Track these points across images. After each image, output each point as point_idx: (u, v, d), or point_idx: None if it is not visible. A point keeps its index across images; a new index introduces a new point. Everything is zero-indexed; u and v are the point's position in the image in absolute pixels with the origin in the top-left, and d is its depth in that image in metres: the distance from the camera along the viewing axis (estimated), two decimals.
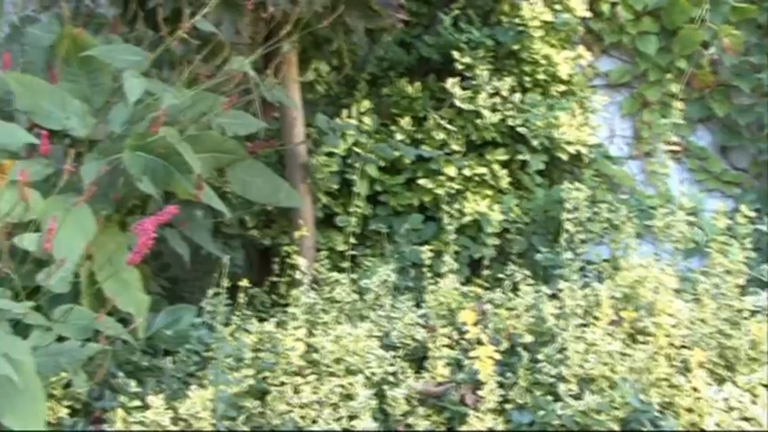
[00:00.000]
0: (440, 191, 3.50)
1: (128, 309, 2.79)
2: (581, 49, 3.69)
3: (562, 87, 3.66)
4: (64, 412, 2.56)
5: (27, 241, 2.62)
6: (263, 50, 3.09)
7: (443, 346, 2.71)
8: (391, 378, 2.67)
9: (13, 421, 2.37)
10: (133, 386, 2.62)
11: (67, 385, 2.60)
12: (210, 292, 2.84)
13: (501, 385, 2.55)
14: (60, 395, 2.58)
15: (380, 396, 2.61)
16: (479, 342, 2.62)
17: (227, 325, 2.82)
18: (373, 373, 2.65)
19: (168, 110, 2.88)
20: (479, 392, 2.53)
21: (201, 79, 3.06)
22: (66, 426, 2.55)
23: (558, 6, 3.65)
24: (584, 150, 3.61)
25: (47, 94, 2.92)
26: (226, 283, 2.78)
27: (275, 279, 3.32)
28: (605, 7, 3.77)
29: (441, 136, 3.56)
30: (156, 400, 2.48)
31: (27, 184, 2.64)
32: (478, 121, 3.54)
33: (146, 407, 2.50)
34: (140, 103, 2.87)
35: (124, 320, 2.79)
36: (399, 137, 3.56)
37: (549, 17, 3.61)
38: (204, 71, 3.08)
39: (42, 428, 2.40)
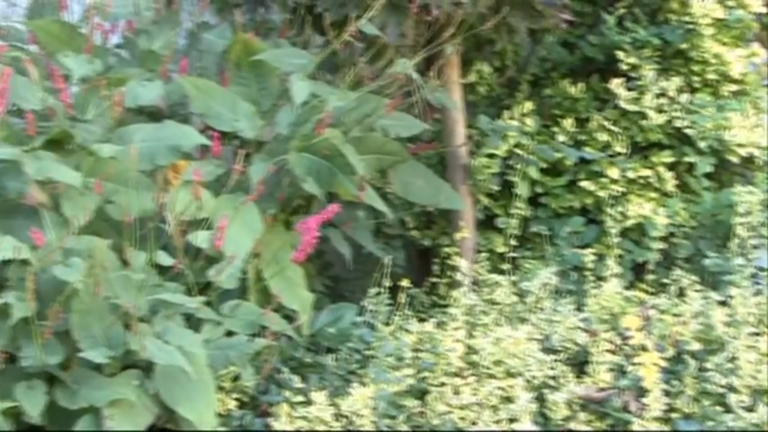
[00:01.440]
0: (602, 193, 3.44)
1: (292, 306, 2.87)
2: (755, 47, 3.56)
3: (734, 87, 3.54)
4: (232, 404, 2.65)
5: (200, 239, 2.73)
6: (426, 53, 3.12)
7: (605, 351, 2.66)
8: (552, 382, 2.64)
9: (187, 410, 2.49)
10: (297, 382, 2.69)
11: (235, 378, 2.69)
12: (372, 291, 2.89)
13: (666, 393, 2.49)
14: (229, 388, 2.67)
15: (541, 400, 2.59)
16: (643, 348, 2.56)
17: (387, 324, 2.86)
18: (533, 377, 2.63)
19: (333, 112, 2.94)
20: (644, 400, 2.48)
21: (365, 82, 3.11)
22: (234, 417, 2.64)
23: (730, 2, 3.53)
24: (756, 153, 3.48)
25: (219, 97, 3.02)
26: (387, 282, 2.82)
27: (435, 280, 3.34)
28: None
29: (604, 137, 3.50)
30: (318, 397, 2.54)
31: (200, 184, 2.76)
32: (643, 123, 3.47)
33: (309, 402, 2.56)
34: (306, 106, 2.96)
35: (288, 317, 2.87)
36: (561, 138, 3.52)
37: (720, 14, 3.50)
38: (368, 73, 3.13)
39: (213, 419, 2.51)
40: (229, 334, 2.73)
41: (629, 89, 3.48)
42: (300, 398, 2.61)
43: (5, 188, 2.65)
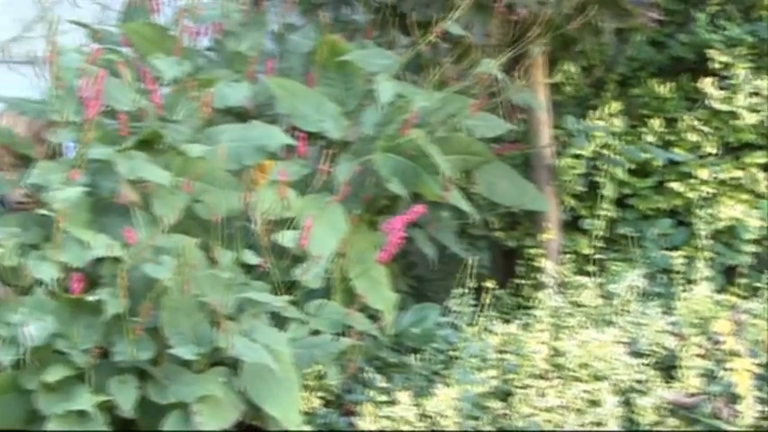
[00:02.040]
0: (692, 195, 3.39)
1: (377, 306, 2.89)
2: None
3: None
4: (317, 403, 2.68)
5: (286, 238, 2.77)
6: (512, 53, 3.11)
7: (695, 355, 2.62)
8: (639, 386, 2.61)
9: (273, 408, 2.52)
10: (381, 381, 2.71)
11: (320, 377, 2.72)
12: (456, 292, 2.89)
13: (760, 400, 2.44)
14: (314, 386, 2.70)
15: (627, 404, 2.56)
16: (735, 353, 2.51)
17: (471, 325, 2.86)
18: (620, 380, 2.60)
19: (418, 112, 2.96)
20: (736, 407, 2.43)
21: (450, 82, 3.11)
22: (319, 416, 2.67)
23: None
24: None
25: (305, 97, 3.06)
26: (471, 283, 2.82)
27: (519, 281, 3.33)
28: None
29: (694, 138, 3.45)
30: (403, 397, 2.55)
31: (286, 184, 2.80)
32: (736, 123, 3.40)
33: (393, 402, 2.57)
34: (391, 106, 2.98)
35: (373, 317, 2.89)
36: (649, 139, 3.48)
37: None
38: (453, 74, 3.14)
39: (298, 417, 2.53)
40: (314, 333, 2.76)
41: (721, 88, 3.42)
42: (385, 397, 2.62)
43: (99, 187, 2.72)
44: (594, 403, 2.54)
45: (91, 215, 2.67)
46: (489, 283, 2.92)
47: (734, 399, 2.46)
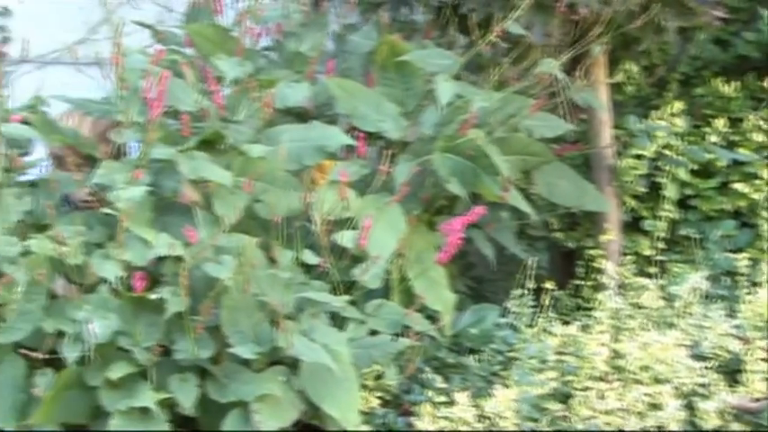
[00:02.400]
0: (756, 195, 3.35)
1: (435, 306, 2.89)
2: None
3: None
4: (375, 403, 2.69)
5: (345, 238, 2.78)
6: (573, 52, 3.09)
7: (760, 359, 2.58)
8: (702, 390, 2.57)
9: (332, 407, 2.54)
10: (439, 382, 2.71)
11: (379, 377, 2.73)
12: (515, 292, 2.89)
13: None
14: (372, 386, 2.71)
15: (690, 408, 2.52)
16: None
17: (530, 326, 2.85)
18: (682, 384, 2.56)
19: (477, 112, 2.96)
20: None
21: (510, 82, 3.11)
22: (377, 416, 2.68)
23: None
24: None
25: (364, 97, 3.07)
26: (530, 284, 2.81)
27: (579, 282, 3.31)
28: None
29: (759, 138, 3.41)
30: (461, 397, 2.54)
31: (345, 184, 2.82)
32: None
33: (451, 403, 2.56)
34: (450, 106, 2.98)
35: (431, 317, 2.89)
36: (713, 139, 3.44)
37: None
38: (513, 74, 3.13)
39: (357, 416, 2.55)
40: (373, 333, 2.77)
41: None
42: (443, 398, 2.63)
43: (161, 187, 2.76)
44: (655, 406, 2.50)
45: (153, 214, 2.71)
46: (548, 284, 2.91)
47: None
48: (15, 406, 2.52)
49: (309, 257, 2.73)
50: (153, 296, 2.53)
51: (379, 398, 2.71)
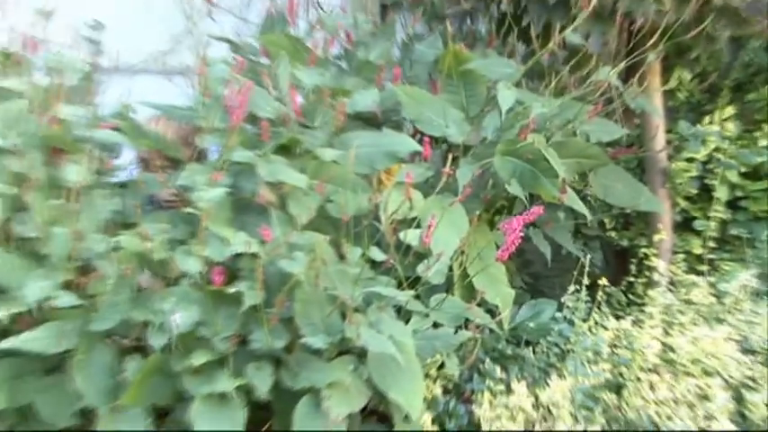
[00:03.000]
0: None
1: (495, 301, 2.95)
2: None
3: None
4: (438, 390, 2.77)
5: (410, 236, 2.83)
6: (628, 60, 3.13)
7: None
8: (750, 383, 2.62)
9: (397, 395, 2.60)
10: (498, 372, 2.78)
11: (441, 367, 2.80)
12: (570, 288, 2.93)
13: None
14: (435, 375, 2.79)
15: (738, 400, 2.58)
16: None
17: (585, 321, 2.90)
18: (731, 376, 2.62)
19: (537, 118, 3.01)
20: None
21: (569, 89, 3.15)
22: (440, 403, 2.76)
23: None
24: None
25: (429, 104, 3.12)
26: (585, 281, 2.86)
27: (632, 279, 3.33)
28: None
29: None
30: (519, 387, 2.61)
31: (411, 186, 2.87)
32: None
33: (509, 392, 2.64)
34: (511, 112, 3.02)
35: (491, 311, 2.96)
36: (763, 143, 3.47)
37: None
38: (571, 81, 3.17)
39: (421, 403, 2.60)
40: (435, 326, 2.83)
41: None
42: (501, 387, 2.70)
43: (240, 188, 2.82)
44: (705, 398, 2.56)
45: (232, 214, 2.75)
46: (602, 281, 2.94)
47: None
48: (106, 389, 2.55)
49: (377, 254, 2.75)
50: (231, 290, 2.56)
51: (442, 386, 2.78)
